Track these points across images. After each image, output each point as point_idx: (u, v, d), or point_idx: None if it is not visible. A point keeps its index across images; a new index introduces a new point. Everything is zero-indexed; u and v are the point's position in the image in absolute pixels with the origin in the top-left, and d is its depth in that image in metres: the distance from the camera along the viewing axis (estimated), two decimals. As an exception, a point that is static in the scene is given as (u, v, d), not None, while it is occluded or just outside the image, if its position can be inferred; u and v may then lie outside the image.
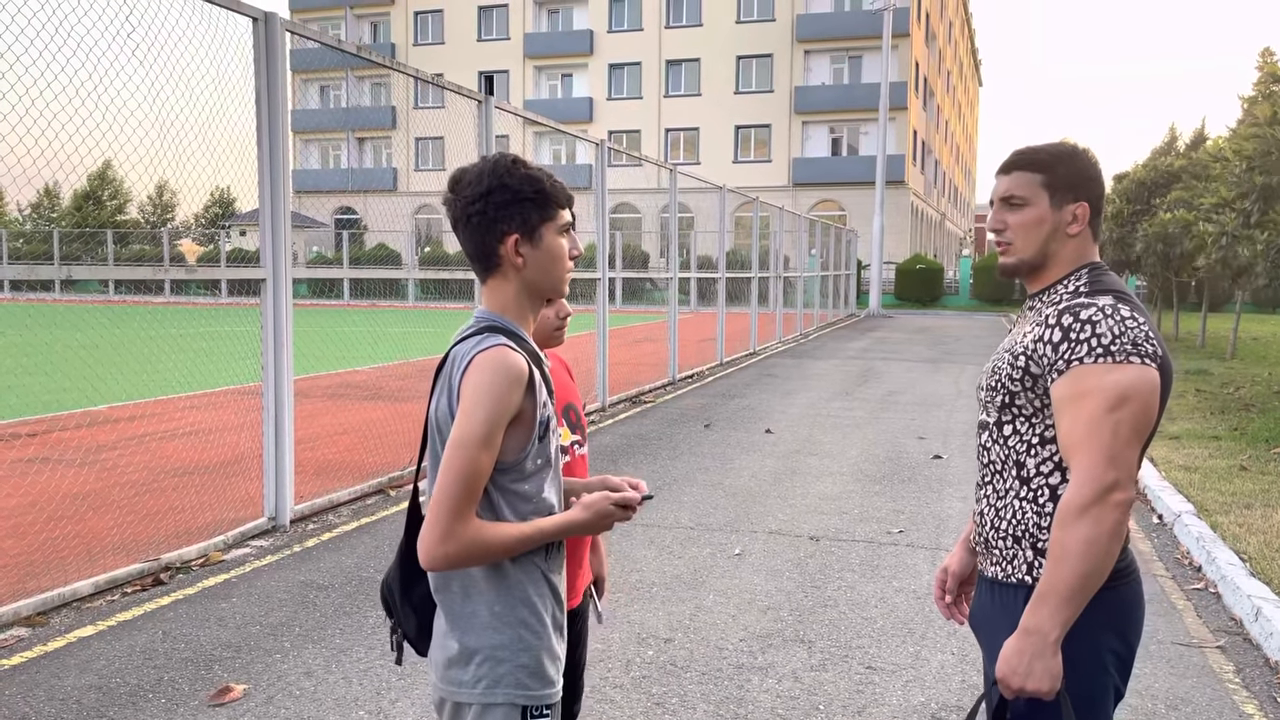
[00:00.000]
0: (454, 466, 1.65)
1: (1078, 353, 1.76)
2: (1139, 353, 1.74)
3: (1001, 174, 1.96)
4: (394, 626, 1.93)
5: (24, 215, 50.07)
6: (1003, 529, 1.90)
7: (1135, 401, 1.72)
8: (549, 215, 1.79)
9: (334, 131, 51.74)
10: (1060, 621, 1.72)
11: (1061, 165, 1.91)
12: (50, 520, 5.78)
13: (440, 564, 1.68)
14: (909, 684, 3.81)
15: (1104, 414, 1.72)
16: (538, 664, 1.76)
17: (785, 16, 45.59)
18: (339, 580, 4.93)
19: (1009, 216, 1.94)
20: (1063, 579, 1.71)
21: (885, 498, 6.77)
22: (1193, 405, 10.81)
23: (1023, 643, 1.74)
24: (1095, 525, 1.70)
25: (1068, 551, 1.71)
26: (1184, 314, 26.93)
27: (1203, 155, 18.92)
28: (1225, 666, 4.04)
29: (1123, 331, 1.75)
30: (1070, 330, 1.78)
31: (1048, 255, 1.91)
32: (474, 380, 1.67)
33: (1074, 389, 1.76)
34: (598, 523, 1.79)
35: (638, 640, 4.19)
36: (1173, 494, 6.61)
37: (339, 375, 13.55)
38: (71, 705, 3.53)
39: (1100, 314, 1.77)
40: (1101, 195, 1.94)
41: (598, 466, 7.68)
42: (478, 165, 1.80)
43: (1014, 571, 1.88)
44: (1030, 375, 1.84)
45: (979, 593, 2.01)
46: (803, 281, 23.31)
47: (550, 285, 1.83)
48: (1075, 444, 1.75)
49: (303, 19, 51.54)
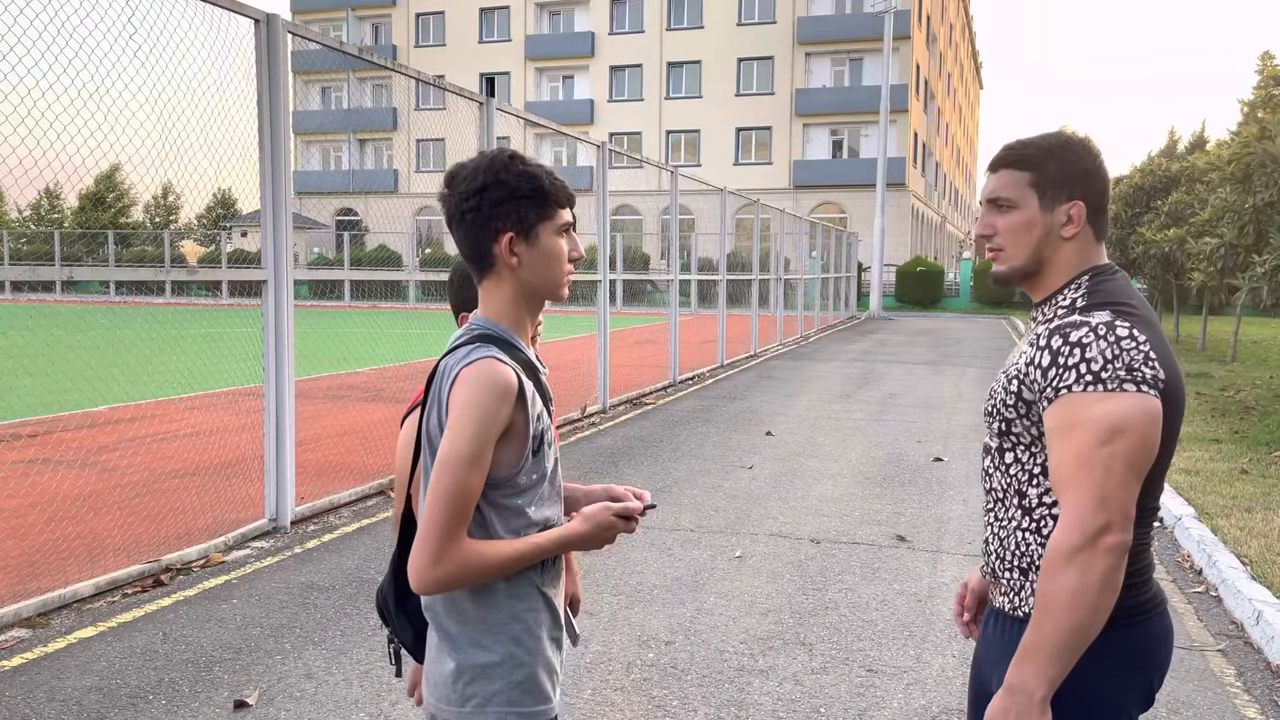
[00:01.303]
0: (442, 487, 1.59)
1: (1065, 380, 1.60)
2: (1134, 379, 1.57)
3: (990, 172, 1.81)
4: (390, 636, 1.90)
5: (23, 216, 50.08)
6: (1008, 560, 1.78)
7: (1130, 435, 1.55)
8: (547, 214, 1.71)
9: (335, 133, 51.77)
10: (1047, 679, 1.58)
11: (1052, 161, 1.73)
12: (51, 521, 5.78)
13: (433, 588, 1.62)
14: (910, 687, 3.81)
15: (1093, 449, 1.56)
16: (531, 680, 1.70)
17: (786, 19, 45.62)
18: (340, 582, 4.93)
19: (997, 220, 1.78)
20: (1048, 634, 1.57)
21: (886, 500, 6.76)
22: (1193, 408, 10.80)
23: (1007, 702, 1.61)
24: (1083, 574, 1.54)
25: (1053, 603, 1.56)
26: (1184, 317, 26.95)
27: (1199, 159, 18.92)
28: (1226, 670, 4.04)
29: (1116, 355, 1.58)
30: (1059, 354, 1.61)
31: (1042, 261, 1.75)
32: (460, 396, 1.61)
33: (1063, 420, 1.60)
34: (598, 535, 1.72)
35: (638, 643, 4.19)
36: (1173, 497, 6.61)
37: (340, 377, 13.55)
38: (72, 706, 3.52)
39: (1092, 335, 1.60)
40: (1103, 191, 1.75)
41: (599, 468, 7.68)
42: (474, 161, 1.72)
43: (1021, 605, 1.76)
44: (1024, 401, 1.69)
45: (987, 620, 1.88)
46: (803, 284, 23.32)
47: (548, 288, 1.75)
48: (1063, 482, 1.59)
49: (304, 20, 51.58)
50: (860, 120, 45.06)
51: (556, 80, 50.01)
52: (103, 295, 38.16)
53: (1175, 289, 20.73)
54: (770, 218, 19.62)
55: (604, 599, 4.72)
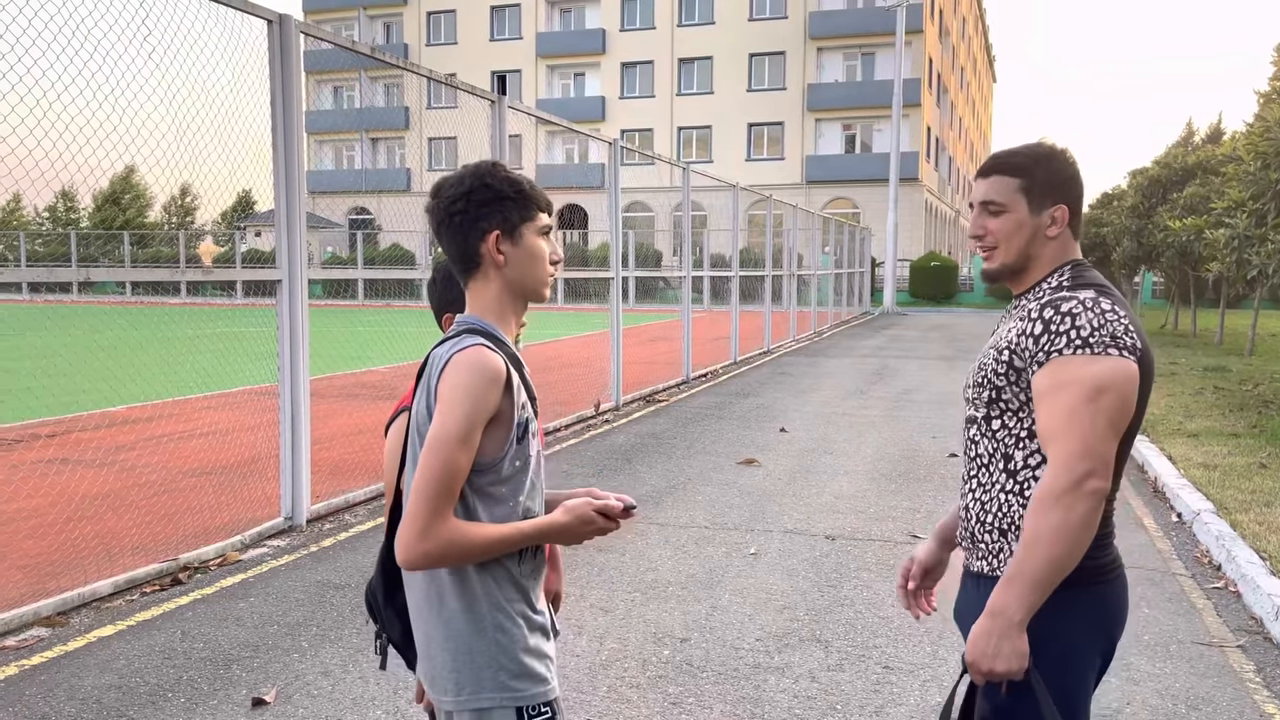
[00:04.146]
0: (431, 465, 1.66)
1: (1057, 344, 1.78)
2: (1117, 345, 1.77)
3: (980, 178, 1.98)
4: (378, 632, 1.96)
5: (39, 219, 50.43)
6: (988, 522, 1.92)
7: (1112, 393, 1.75)
8: (529, 215, 1.82)
9: (348, 132, 51.95)
10: (1026, 605, 1.74)
11: (1040, 169, 1.92)
12: (70, 520, 5.82)
13: (418, 562, 1.68)
14: (926, 684, 3.80)
15: (1082, 404, 1.74)
16: (518, 665, 1.77)
17: (798, 14, 45.48)
18: (355, 580, 4.95)
19: (989, 222, 1.95)
20: (1031, 563, 1.73)
21: (901, 496, 6.74)
22: (1211, 403, 10.73)
23: (989, 624, 1.76)
24: (1067, 512, 1.71)
25: (1039, 537, 1.73)
26: (1202, 310, 26.75)
27: (1216, 152, 18.79)
28: (1246, 666, 4.01)
29: (1102, 324, 1.77)
30: (1050, 322, 1.80)
31: (1029, 258, 1.93)
32: (451, 380, 1.69)
33: (1053, 380, 1.78)
34: (578, 528, 1.78)
35: (654, 640, 4.19)
36: (1192, 492, 6.56)
37: (354, 375, 13.60)
38: (92, 705, 3.55)
39: (1080, 307, 1.79)
40: (1080, 196, 1.95)
41: (612, 465, 7.68)
42: (459, 172, 1.84)
43: (1000, 565, 1.90)
44: (1014, 369, 1.86)
45: (964, 588, 2.02)
46: (816, 279, 23.26)
47: (531, 285, 1.84)
48: (1052, 434, 1.77)
49: (316, 20, 51.73)
50: (873, 115, 44.90)
51: (568, 77, 50.03)
52: (119, 295, 38.40)
53: (1193, 281, 20.57)
54: (782, 213, 19.58)
55: (619, 596, 4.72)
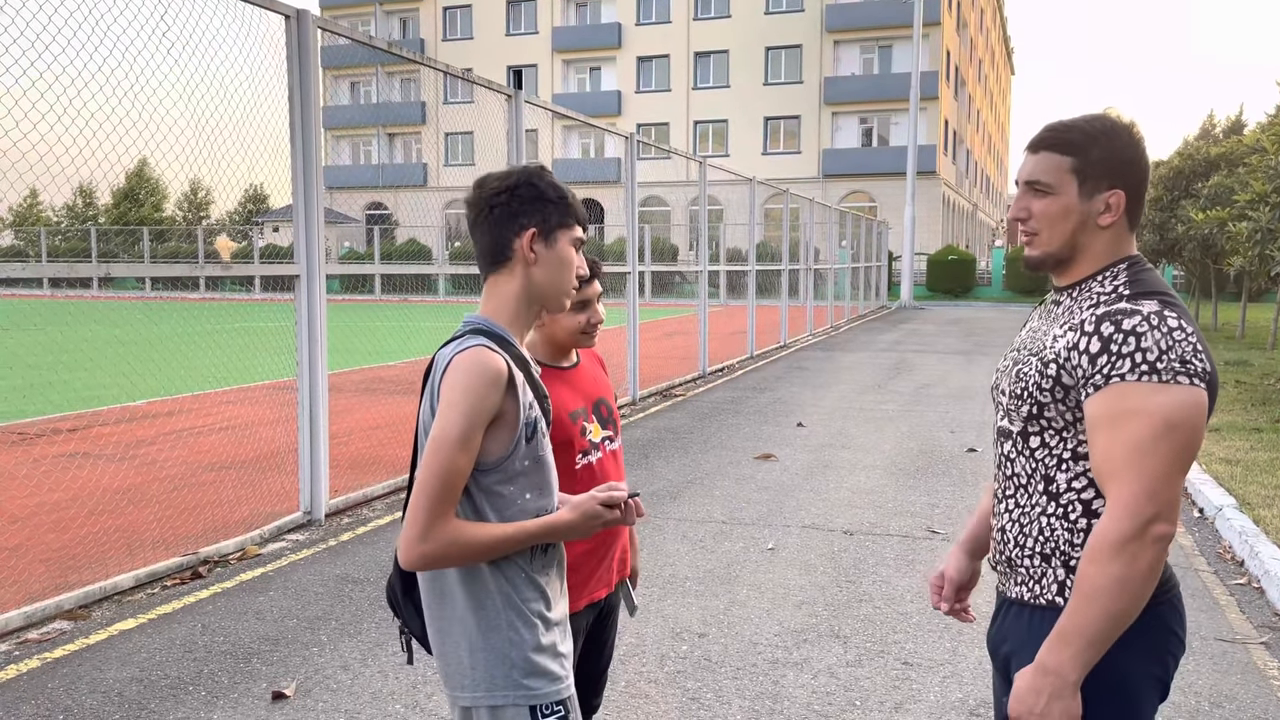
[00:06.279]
0: (431, 466, 1.67)
1: (1119, 368, 1.57)
2: (1188, 371, 1.56)
3: (1029, 152, 1.76)
4: (401, 627, 1.97)
5: (57, 215, 50.81)
6: (1029, 546, 1.75)
7: (1184, 429, 1.55)
8: (567, 222, 1.83)
9: (365, 128, 52.07)
10: (1082, 663, 1.58)
11: (1096, 148, 1.68)
12: (91, 515, 5.87)
13: (419, 563, 1.68)
14: (946, 680, 3.77)
15: (1149, 441, 1.55)
16: (530, 663, 1.76)
17: (814, 7, 45.27)
18: (374, 574, 4.96)
19: (1034, 204, 1.74)
20: (1091, 620, 1.56)
21: (919, 491, 6.71)
22: (1233, 397, 10.62)
23: (1040, 682, 1.60)
24: (1131, 564, 1.54)
25: (1098, 589, 1.55)
26: (1223, 304, 26.48)
27: (1239, 144, 18.56)
28: (1269, 663, 3.97)
29: (1171, 345, 1.56)
30: (1111, 341, 1.59)
31: (1076, 248, 1.72)
32: (451, 381, 1.69)
33: (1114, 409, 1.57)
34: (585, 524, 1.78)
35: (672, 635, 4.18)
36: (1214, 488, 6.50)
37: (371, 370, 13.65)
38: (113, 697, 3.58)
39: (1146, 324, 1.58)
40: (1143, 181, 1.72)
41: (629, 460, 7.68)
42: (506, 169, 1.86)
43: (1043, 592, 1.73)
44: (1062, 386, 1.66)
45: (1001, 615, 1.84)
46: (833, 274, 23.17)
47: (554, 293, 1.84)
48: (1112, 472, 1.58)
49: (333, 15, 51.87)
50: (890, 108, 44.66)
51: (584, 72, 49.97)
52: (138, 291, 38.67)
53: (1214, 274, 20.37)
54: (799, 207, 19.50)
55: (636, 591, 4.72)
